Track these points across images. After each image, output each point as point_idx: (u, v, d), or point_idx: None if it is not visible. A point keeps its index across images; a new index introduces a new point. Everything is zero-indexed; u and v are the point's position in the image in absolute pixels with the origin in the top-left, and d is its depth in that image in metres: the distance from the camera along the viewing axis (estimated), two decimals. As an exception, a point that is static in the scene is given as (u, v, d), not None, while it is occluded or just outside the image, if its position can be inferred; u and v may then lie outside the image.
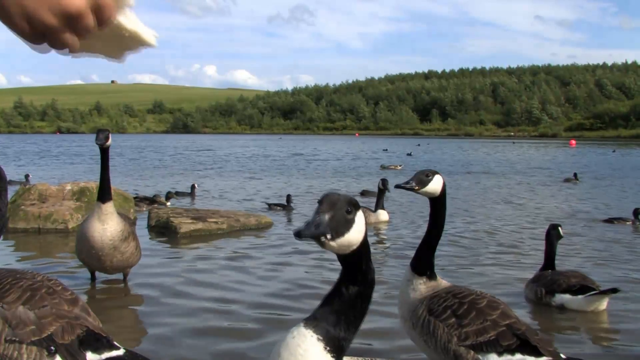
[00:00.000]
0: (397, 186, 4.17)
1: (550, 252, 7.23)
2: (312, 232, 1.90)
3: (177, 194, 17.16)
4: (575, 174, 25.31)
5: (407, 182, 4.06)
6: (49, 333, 3.64)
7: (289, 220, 12.99)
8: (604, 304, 6.61)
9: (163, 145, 70.92)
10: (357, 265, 2.09)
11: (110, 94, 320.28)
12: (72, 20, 1.04)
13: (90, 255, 6.78)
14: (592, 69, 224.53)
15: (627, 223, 13.05)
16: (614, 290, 6.46)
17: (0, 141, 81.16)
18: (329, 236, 1.93)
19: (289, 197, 14.97)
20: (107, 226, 6.67)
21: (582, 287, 6.57)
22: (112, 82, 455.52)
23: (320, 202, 1.98)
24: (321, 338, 2.05)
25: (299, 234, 1.87)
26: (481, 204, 16.60)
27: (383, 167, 31.97)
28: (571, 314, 6.61)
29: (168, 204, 14.78)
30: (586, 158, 48.85)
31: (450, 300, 3.97)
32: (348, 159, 43.85)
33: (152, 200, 14.60)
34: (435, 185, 4.05)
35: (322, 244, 1.96)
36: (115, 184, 13.27)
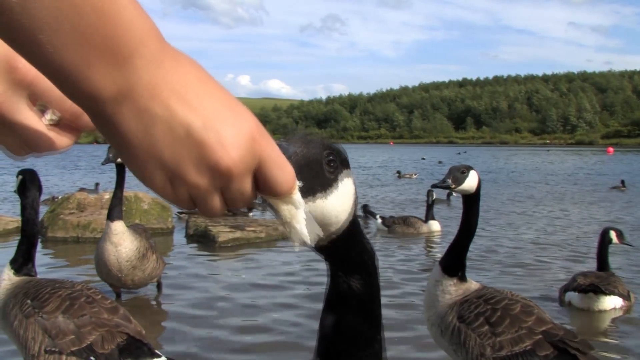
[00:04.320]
0: (434, 186, 4.00)
1: (601, 255, 7.19)
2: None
3: None
4: (622, 182, 24.27)
5: (443, 181, 3.87)
6: (89, 343, 3.59)
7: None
8: (603, 303, 6.64)
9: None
10: (348, 252, 1.25)
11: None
12: (222, 180, 0.78)
13: (110, 277, 6.67)
14: (630, 75, 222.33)
15: None
16: (595, 291, 6.57)
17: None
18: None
19: None
20: (121, 247, 6.49)
21: (590, 286, 6.61)
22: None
23: (285, 134, 1.18)
24: None
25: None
26: (528, 211, 16.32)
27: (400, 175, 31.57)
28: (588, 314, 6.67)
29: (250, 214, 14.35)
30: (627, 165, 48.04)
31: (482, 306, 3.76)
32: (388, 168, 43.68)
33: (233, 212, 14.12)
34: (471, 181, 3.86)
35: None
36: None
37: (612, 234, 7.19)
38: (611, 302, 6.66)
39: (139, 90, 0.72)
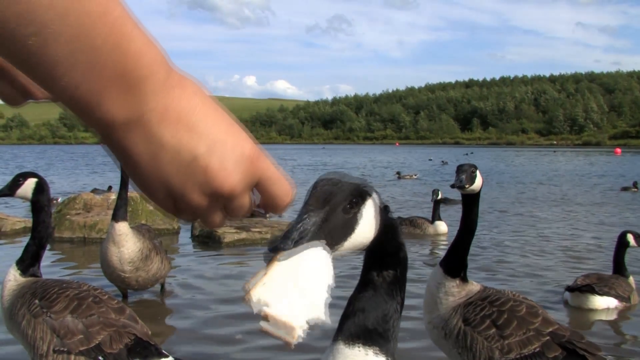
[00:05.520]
0: (452, 186, 3.94)
1: (617, 257, 7.25)
2: (294, 246, 1.26)
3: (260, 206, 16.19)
4: (634, 183, 23.62)
5: (460, 180, 3.79)
6: (97, 342, 3.61)
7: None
8: (594, 303, 6.81)
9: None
10: (383, 248, 1.56)
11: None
12: (223, 200, 0.86)
13: (114, 277, 6.71)
14: (638, 75, 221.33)
15: None
16: (582, 290, 6.79)
17: (51, 152, 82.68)
18: None
19: None
20: (124, 248, 6.49)
21: (585, 286, 6.80)
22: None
23: (309, 193, 1.38)
24: (377, 350, 1.51)
25: (274, 250, 1.23)
26: (533, 213, 16.27)
27: (399, 176, 31.24)
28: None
29: (268, 216, 14.23)
30: (633, 165, 47.85)
31: (487, 308, 3.72)
32: (392, 168, 43.58)
33: (251, 213, 13.97)
34: (479, 180, 3.84)
35: None
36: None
37: (630, 237, 7.20)
38: (603, 302, 6.79)
39: (148, 116, 0.77)
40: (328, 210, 1.34)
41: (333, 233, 1.35)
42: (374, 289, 1.56)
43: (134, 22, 0.73)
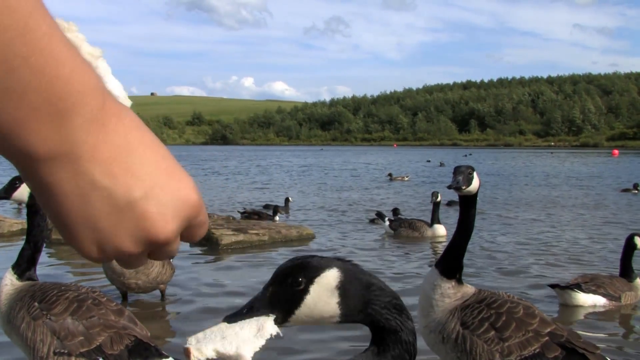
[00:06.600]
0: (449, 187, 3.94)
1: (623, 260, 7.29)
2: (241, 319, 1.55)
3: (267, 207, 16.21)
4: (635, 185, 23.39)
5: (457, 182, 3.78)
6: (98, 344, 3.62)
7: (330, 232, 12.84)
8: (578, 300, 6.96)
9: (219, 156, 71.29)
10: (380, 327, 1.53)
11: (149, 106, 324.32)
12: (157, 247, 0.76)
13: (114, 279, 6.76)
14: (635, 77, 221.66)
15: None
16: (553, 286, 7.11)
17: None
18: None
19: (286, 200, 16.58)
20: None
21: (574, 285, 6.97)
22: (152, 94, 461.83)
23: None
24: None
25: (226, 319, 1.57)
26: (533, 214, 16.29)
27: (391, 178, 31.02)
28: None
29: (276, 218, 14.11)
30: (629, 166, 47.90)
31: (485, 311, 3.70)
32: (387, 170, 43.54)
33: (260, 215, 14.06)
34: (476, 181, 3.83)
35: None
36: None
37: (638, 240, 7.18)
38: (589, 300, 6.91)
39: (78, 151, 0.67)
40: (274, 287, 1.52)
41: (281, 306, 1.50)
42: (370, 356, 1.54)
43: (65, 43, 0.63)
